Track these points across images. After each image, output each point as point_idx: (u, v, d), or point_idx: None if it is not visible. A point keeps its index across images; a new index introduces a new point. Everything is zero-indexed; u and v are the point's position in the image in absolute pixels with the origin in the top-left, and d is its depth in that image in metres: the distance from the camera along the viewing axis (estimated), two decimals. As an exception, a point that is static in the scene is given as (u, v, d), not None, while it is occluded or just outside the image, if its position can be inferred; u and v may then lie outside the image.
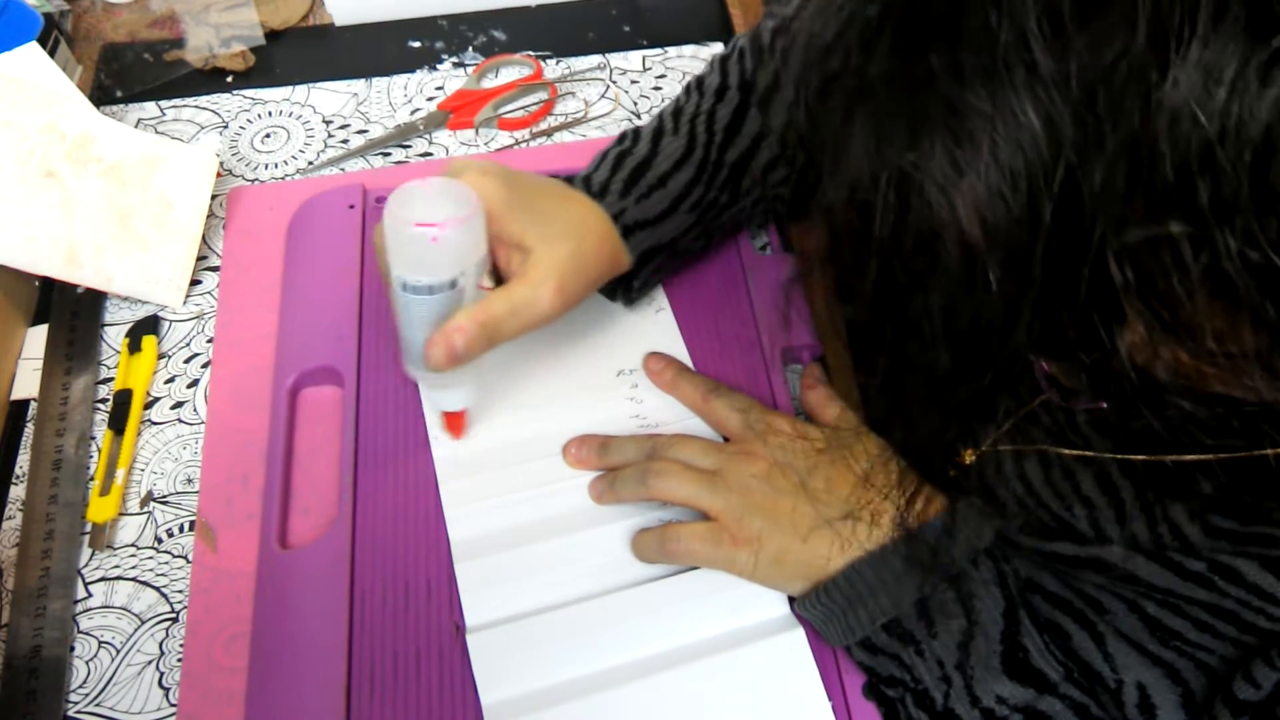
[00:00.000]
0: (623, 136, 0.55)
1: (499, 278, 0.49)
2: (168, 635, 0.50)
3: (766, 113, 0.55)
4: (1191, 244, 0.19)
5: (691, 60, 0.74)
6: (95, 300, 0.61)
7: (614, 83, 0.73)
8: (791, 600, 0.48)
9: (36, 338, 0.60)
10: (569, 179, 0.53)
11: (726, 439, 0.52)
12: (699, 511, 0.49)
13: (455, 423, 0.53)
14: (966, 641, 0.42)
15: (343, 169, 0.67)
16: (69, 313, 0.60)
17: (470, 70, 0.73)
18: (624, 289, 0.56)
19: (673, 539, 0.48)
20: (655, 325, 0.58)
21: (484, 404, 0.55)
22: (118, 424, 0.56)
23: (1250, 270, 0.19)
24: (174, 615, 0.51)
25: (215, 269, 0.62)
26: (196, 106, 0.71)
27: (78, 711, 0.48)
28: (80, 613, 0.51)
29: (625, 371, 0.56)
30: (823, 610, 0.45)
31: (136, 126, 0.69)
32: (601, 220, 0.50)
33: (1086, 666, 0.43)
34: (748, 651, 0.47)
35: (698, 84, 0.57)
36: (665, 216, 0.53)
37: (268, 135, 0.69)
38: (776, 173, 0.56)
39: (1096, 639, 0.42)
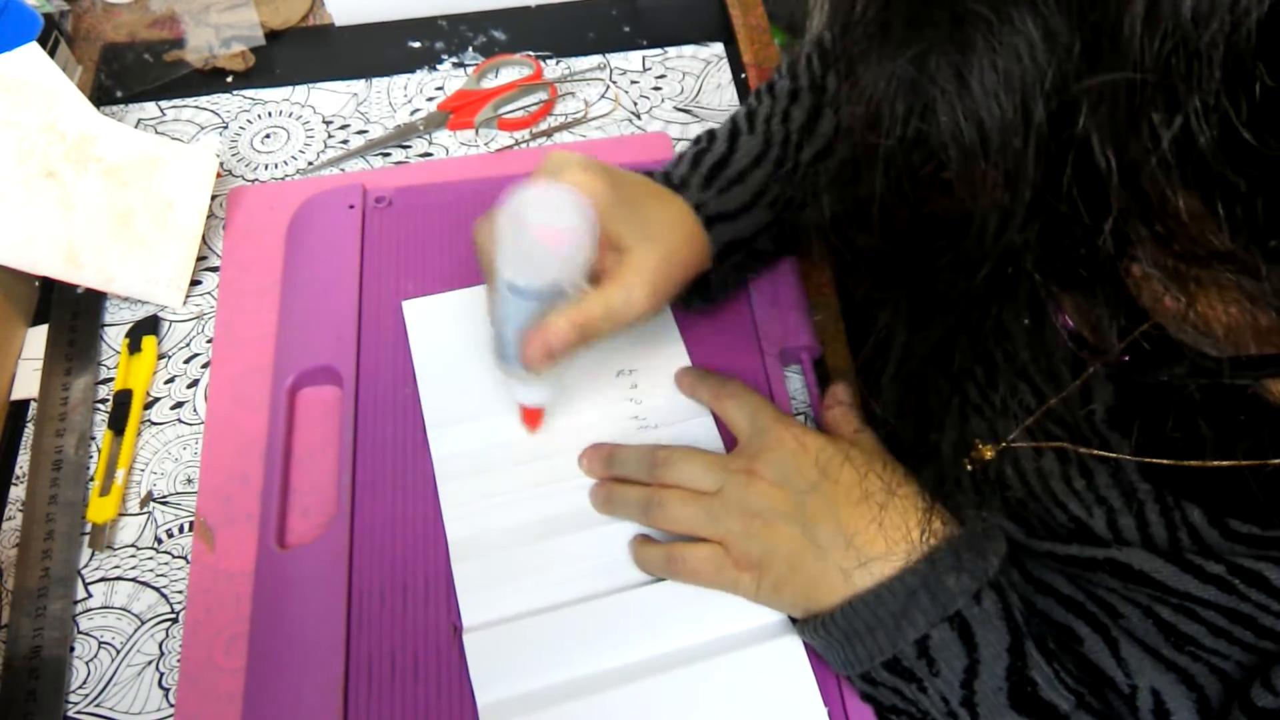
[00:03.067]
0: (698, 139, 0.56)
1: (593, 275, 0.49)
2: (167, 635, 0.50)
3: (839, 113, 0.55)
4: (1166, 109, 0.21)
5: (691, 60, 0.74)
6: (95, 300, 0.61)
7: (614, 83, 0.73)
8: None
9: (36, 338, 0.60)
10: (649, 174, 0.53)
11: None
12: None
13: (534, 417, 0.53)
14: (970, 679, 0.41)
15: (343, 169, 0.67)
16: (69, 313, 0.60)
17: (470, 70, 0.73)
18: (699, 290, 0.55)
19: (677, 561, 0.48)
20: (656, 325, 0.58)
21: (484, 405, 0.55)
22: (118, 424, 0.56)
23: (1223, 149, 0.21)
24: (174, 615, 0.51)
25: (215, 269, 0.63)
26: (196, 107, 0.71)
27: (78, 712, 0.48)
28: (80, 613, 0.51)
29: (625, 371, 0.56)
30: (821, 641, 0.45)
31: (136, 126, 0.69)
32: (689, 218, 0.51)
33: (1099, 672, 0.42)
34: (744, 656, 0.47)
35: (769, 89, 0.58)
36: (744, 211, 0.53)
37: (268, 135, 0.69)
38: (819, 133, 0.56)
39: (1110, 644, 0.42)
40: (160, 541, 0.53)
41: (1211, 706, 0.39)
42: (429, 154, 0.68)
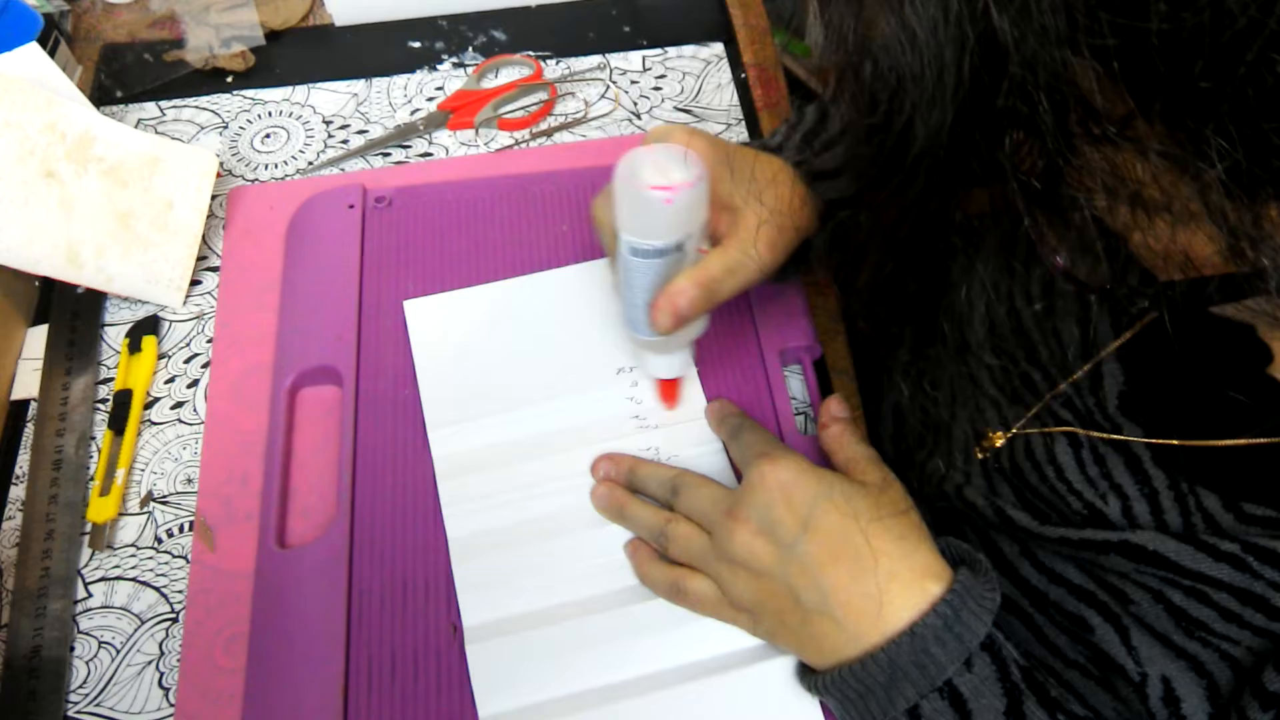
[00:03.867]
0: (787, 119, 0.57)
1: (710, 237, 0.50)
2: (167, 635, 0.50)
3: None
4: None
5: (691, 60, 0.74)
6: (95, 300, 0.61)
7: (614, 83, 0.73)
8: None
9: (36, 338, 0.60)
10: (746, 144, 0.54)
11: None
12: None
13: (671, 390, 0.54)
14: None
15: (343, 169, 0.67)
16: (69, 313, 0.60)
17: (470, 70, 0.73)
18: (796, 260, 0.55)
19: (680, 593, 0.47)
20: None
21: (484, 405, 0.55)
22: (118, 424, 0.56)
23: (1090, 10, 0.24)
24: (174, 615, 0.51)
25: (215, 269, 0.63)
26: (196, 107, 0.71)
27: (78, 711, 0.48)
28: (80, 613, 0.51)
29: (625, 370, 0.56)
30: (820, 697, 0.45)
31: (136, 126, 0.69)
32: (792, 175, 0.51)
33: (1109, 660, 0.42)
34: (747, 674, 0.46)
35: None
36: (841, 173, 0.53)
37: (268, 135, 0.69)
38: None
39: (1121, 632, 0.42)
40: (160, 541, 0.53)
41: (1221, 694, 0.39)
42: (429, 154, 0.68)
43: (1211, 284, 0.31)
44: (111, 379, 0.58)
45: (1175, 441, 0.41)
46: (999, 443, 0.48)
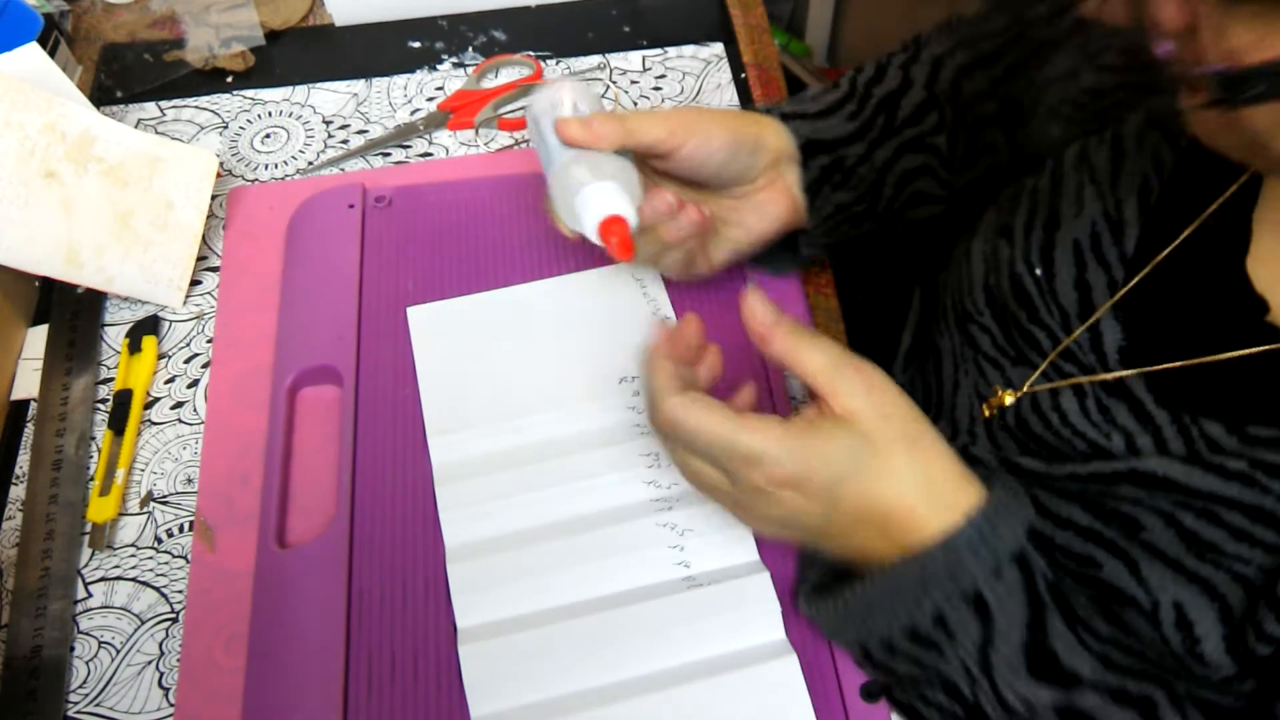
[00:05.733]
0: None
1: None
2: (167, 635, 0.50)
3: (909, 72, 0.58)
4: None
5: (691, 60, 0.74)
6: (95, 300, 0.61)
7: (614, 83, 0.73)
8: (795, 601, 0.48)
9: (36, 338, 0.60)
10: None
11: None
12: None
13: (617, 232, 0.46)
14: (985, 647, 0.41)
15: (343, 169, 0.67)
16: (69, 313, 0.60)
17: (470, 70, 0.73)
18: (789, 246, 0.56)
19: (681, 464, 0.44)
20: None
21: (485, 413, 0.55)
22: (118, 424, 0.56)
23: None
24: (174, 615, 0.51)
25: (215, 269, 0.63)
26: (196, 107, 0.71)
27: (78, 711, 0.48)
28: (80, 613, 0.51)
29: (627, 379, 0.56)
30: (836, 617, 0.43)
31: (136, 126, 0.69)
32: (753, 113, 0.53)
33: (1119, 594, 0.42)
34: (741, 676, 0.46)
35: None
36: (822, 116, 0.55)
37: (268, 135, 0.69)
38: (926, 123, 0.57)
39: (1130, 565, 0.42)
40: (160, 541, 0.53)
41: (1234, 615, 0.39)
42: (429, 154, 0.68)
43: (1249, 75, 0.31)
44: (111, 379, 0.58)
45: (1174, 366, 0.41)
46: (1006, 401, 0.48)
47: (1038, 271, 0.48)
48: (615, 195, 0.47)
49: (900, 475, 0.41)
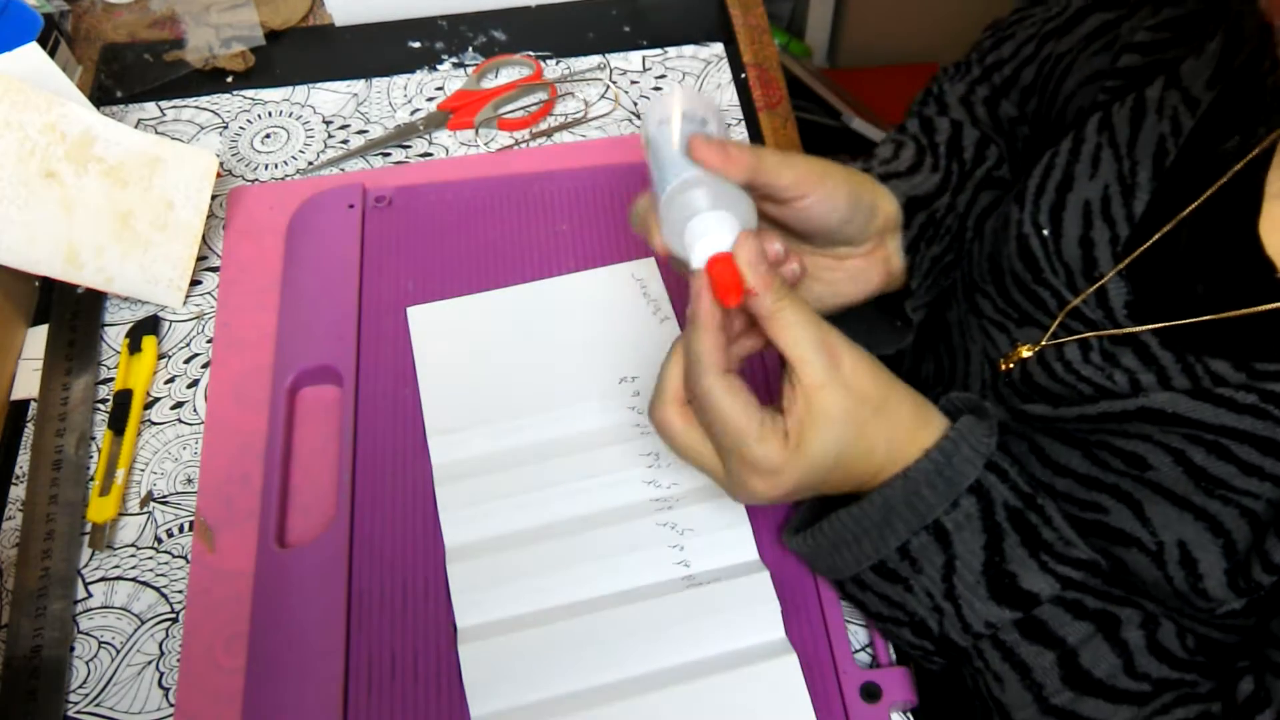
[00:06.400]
0: (803, 120, 0.60)
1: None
2: (167, 635, 0.50)
3: (950, 114, 0.60)
4: None
5: (691, 60, 0.74)
6: (95, 300, 0.61)
7: (614, 83, 0.73)
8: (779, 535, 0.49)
9: (36, 338, 0.60)
10: None
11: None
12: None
13: (726, 273, 0.41)
14: (949, 574, 0.43)
15: (343, 169, 0.67)
16: (69, 313, 0.60)
17: (470, 70, 0.73)
18: (897, 306, 0.55)
19: (661, 424, 0.44)
20: (658, 332, 0.58)
21: (485, 413, 0.55)
22: (118, 424, 0.56)
23: None
24: (174, 615, 0.51)
25: (215, 269, 0.63)
26: (196, 107, 0.71)
27: (78, 711, 0.48)
28: (80, 613, 0.51)
29: (627, 379, 0.56)
30: (809, 550, 0.46)
31: (136, 127, 0.69)
32: (857, 171, 0.51)
33: (1124, 536, 0.43)
34: (740, 675, 0.46)
35: (901, 130, 0.61)
36: (913, 171, 0.54)
37: (268, 135, 0.69)
38: (989, 157, 0.58)
39: (1134, 507, 0.43)
40: (160, 541, 0.53)
41: (1238, 550, 0.40)
42: (429, 154, 0.68)
43: None
44: (111, 379, 0.58)
45: (1184, 322, 0.42)
46: (1025, 354, 0.49)
47: (1045, 232, 0.49)
48: (732, 231, 0.43)
49: (873, 445, 0.42)
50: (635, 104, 0.71)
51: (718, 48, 0.75)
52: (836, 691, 0.47)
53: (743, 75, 0.73)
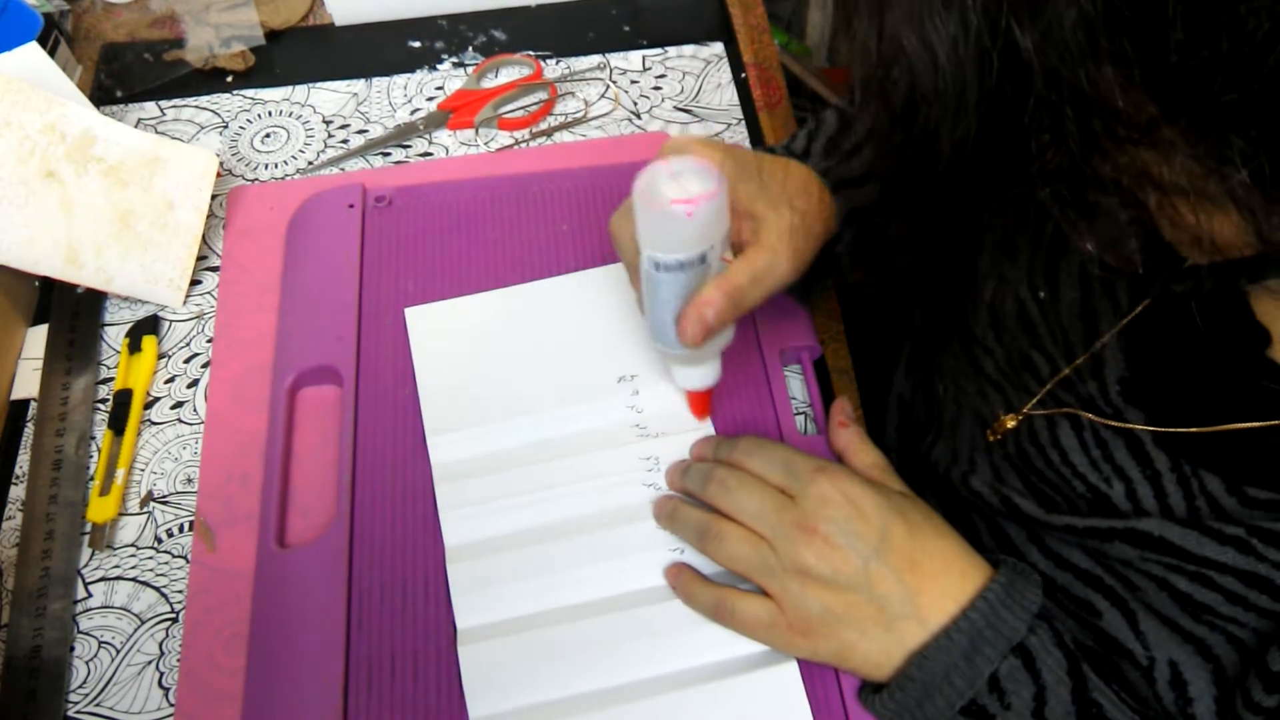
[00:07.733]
0: (805, 120, 0.57)
1: (733, 246, 0.49)
2: (167, 635, 0.50)
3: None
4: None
5: (691, 60, 0.74)
6: (95, 300, 0.61)
7: (614, 83, 0.73)
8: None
9: (36, 338, 0.60)
10: (769, 149, 0.53)
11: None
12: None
13: (702, 403, 0.54)
14: (1040, 707, 0.41)
15: (343, 169, 0.67)
16: (69, 313, 0.60)
17: (470, 70, 0.73)
18: (825, 273, 0.55)
19: (728, 612, 0.46)
20: None
21: (484, 413, 0.55)
22: (118, 424, 0.56)
23: (1109, 22, 0.24)
24: (174, 615, 0.51)
25: (215, 269, 0.63)
26: (196, 106, 0.71)
27: (78, 711, 0.48)
28: (80, 613, 0.51)
29: (626, 378, 0.56)
30: (895, 705, 0.43)
31: (136, 126, 0.69)
32: (817, 183, 0.51)
33: (1117, 644, 0.43)
34: (740, 682, 0.46)
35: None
36: (867, 180, 0.53)
37: (268, 135, 0.69)
38: None
39: (1128, 616, 0.42)
40: (160, 541, 0.53)
41: (1227, 676, 0.40)
42: (429, 154, 0.68)
43: (1238, 266, 0.32)
44: (111, 379, 0.58)
45: (1177, 430, 0.41)
46: (1010, 424, 0.48)
47: (1041, 295, 0.48)
48: (715, 374, 0.51)
49: (928, 550, 0.44)
50: (635, 103, 0.71)
51: (718, 47, 0.75)
52: (838, 697, 0.47)
53: (743, 75, 0.73)
